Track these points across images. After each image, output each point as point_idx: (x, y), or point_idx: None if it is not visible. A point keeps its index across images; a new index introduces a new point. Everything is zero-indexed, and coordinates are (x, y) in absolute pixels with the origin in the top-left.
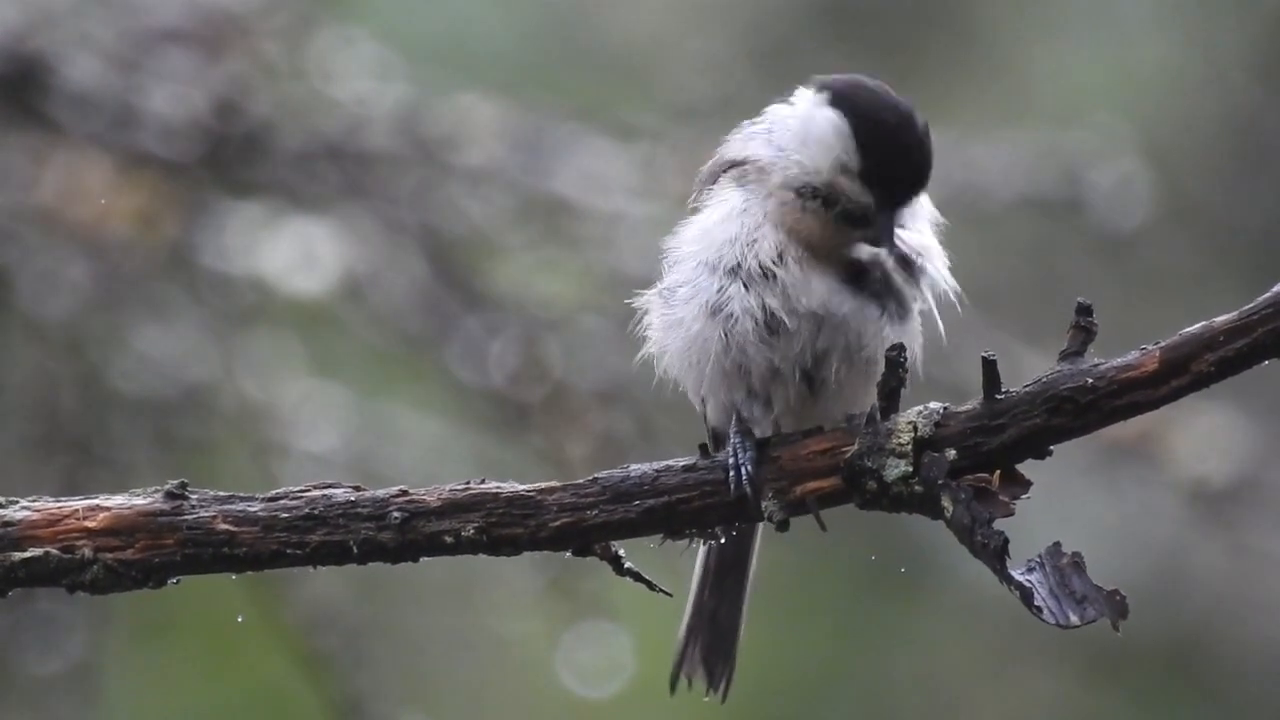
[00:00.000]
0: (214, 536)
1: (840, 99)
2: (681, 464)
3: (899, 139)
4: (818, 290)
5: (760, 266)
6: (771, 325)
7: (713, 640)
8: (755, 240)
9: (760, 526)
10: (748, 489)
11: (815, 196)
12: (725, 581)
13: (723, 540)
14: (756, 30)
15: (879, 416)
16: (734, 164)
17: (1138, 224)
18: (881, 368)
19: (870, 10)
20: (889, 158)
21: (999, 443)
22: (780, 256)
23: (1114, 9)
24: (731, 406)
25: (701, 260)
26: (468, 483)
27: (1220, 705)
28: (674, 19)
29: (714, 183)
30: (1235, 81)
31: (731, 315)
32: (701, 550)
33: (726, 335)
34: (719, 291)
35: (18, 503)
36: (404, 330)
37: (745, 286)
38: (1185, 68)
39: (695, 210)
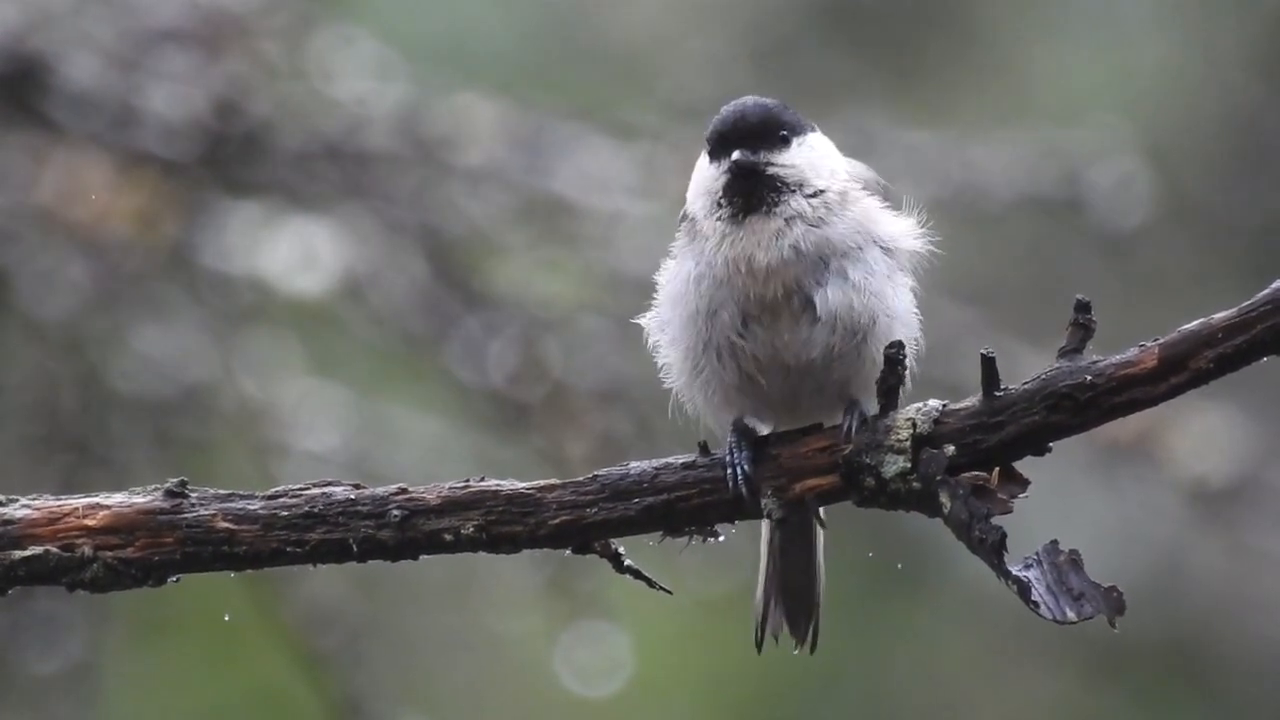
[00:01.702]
0: (214, 535)
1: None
2: (681, 461)
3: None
4: (786, 345)
5: (728, 340)
6: (748, 379)
7: (790, 599)
8: (715, 312)
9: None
10: (743, 489)
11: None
12: (790, 550)
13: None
14: (756, 30)
15: (869, 414)
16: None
17: (1137, 223)
18: (854, 385)
19: (870, 10)
20: (729, 113)
21: (998, 440)
22: (744, 323)
23: (1114, 9)
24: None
25: (679, 327)
26: (467, 481)
27: (1220, 705)
28: (674, 19)
29: (679, 226)
30: (1235, 81)
31: (709, 382)
32: (764, 525)
33: (709, 388)
34: (695, 360)
35: (18, 501)
36: (404, 330)
37: (718, 358)
38: (1185, 67)
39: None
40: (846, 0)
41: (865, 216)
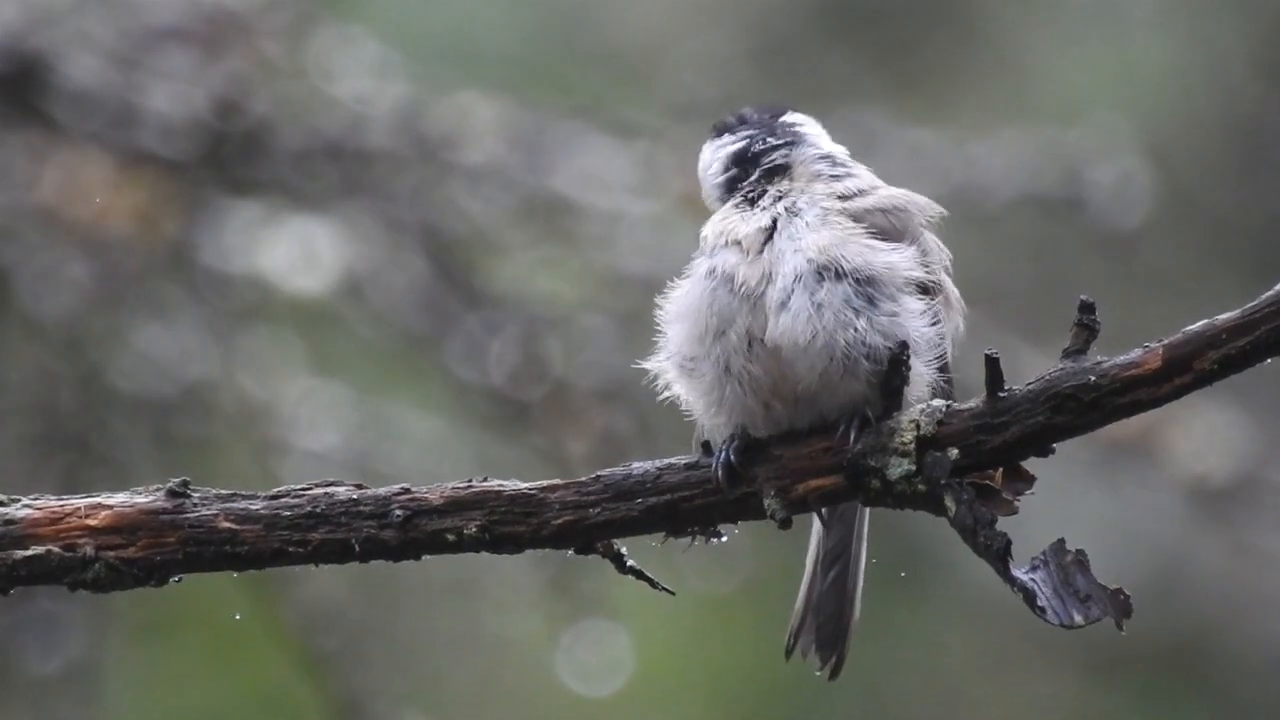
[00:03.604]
0: (216, 535)
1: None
2: (684, 462)
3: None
4: (784, 373)
5: (741, 366)
6: (764, 406)
7: (822, 623)
8: (724, 332)
9: (861, 521)
10: (720, 474)
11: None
12: (830, 571)
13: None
14: (756, 30)
15: (872, 417)
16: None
17: (1139, 222)
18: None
19: (871, 10)
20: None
21: (1002, 441)
22: (750, 345)
23: (1116, 7)
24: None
25: (695, 349)
26: (470, 481)
27: (1221, 704)
28: (674, 18)
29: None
30: (1237, 80)
31: (738, 403)
32: (812, 538)
33: (740, 407)
34: (720, 384)
35: (20, 501)
36: (404, 329)
37: (740, 385)
38: (1187, 66)
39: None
40: (847, 0)
41: (839, 244)
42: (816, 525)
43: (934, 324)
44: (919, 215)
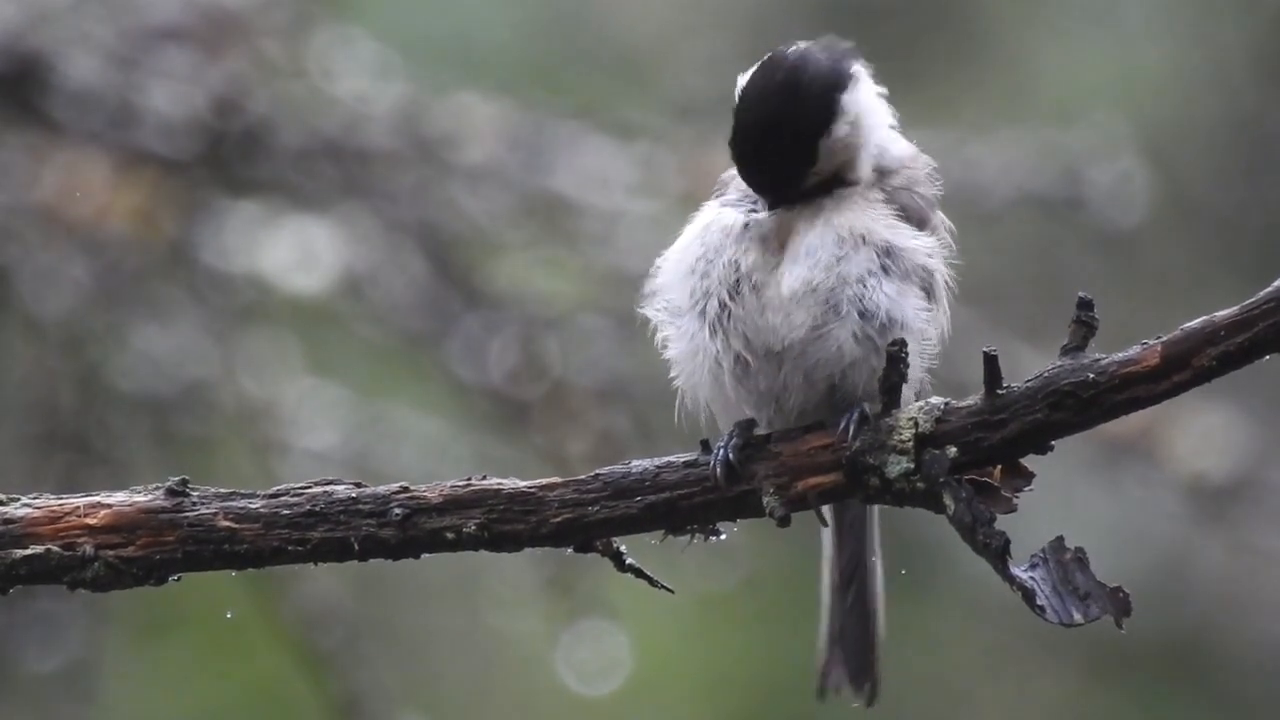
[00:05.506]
0: (215, 533)
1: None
2: (683, 459)
3: (742, 129)
4: (772, 323)
5: (719, 303)
6: (741, 365)
7: (849, 651)
8: (709, 272)
9: (873, 529)
10: (718, 471)
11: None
12: (847, 594)
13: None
14: (757, 30)
15: (870, 413)
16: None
17: (1138, 222)
18: (847, 386)
19: (873, 10)
20: (738, 153)
21: (1000, 438)
22: (737, 284)
23: (1116, 8)
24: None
25: (676, 298)
26: (469, 479)
27: (1221, 704)
28: (675, 18)
29: (714, 194)
30: (1236, 80)
31: (708, 360)
32: (824, 564)
33: (710, 375)
34: (691, 338)
35: (19, 500)
36: (403, 328)
37: (711, 332)
38: (1187, 66)
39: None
40: (848, 0)
41: (873, 221)
42: (826, 549)
43: (928, 313)
44: (928, 184)
